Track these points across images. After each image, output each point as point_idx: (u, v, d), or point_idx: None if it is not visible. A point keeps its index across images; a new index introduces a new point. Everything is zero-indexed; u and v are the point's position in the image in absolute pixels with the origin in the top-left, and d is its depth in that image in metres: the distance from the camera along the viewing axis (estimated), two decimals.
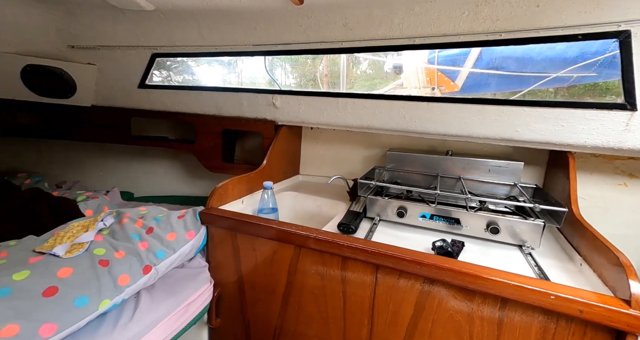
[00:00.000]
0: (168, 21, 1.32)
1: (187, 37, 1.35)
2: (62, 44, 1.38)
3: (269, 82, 2.82)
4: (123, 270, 0.86)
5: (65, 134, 1.65)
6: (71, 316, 0.72)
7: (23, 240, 0.92)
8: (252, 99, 1.47)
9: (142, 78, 1.48)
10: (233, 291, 1.10)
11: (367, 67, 3.00)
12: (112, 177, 1.88)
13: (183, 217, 1.09)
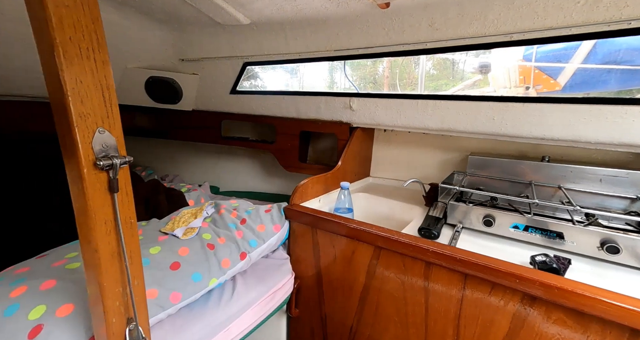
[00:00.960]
0: (259, 33, 1.45)
1: (275, 46, 1.47)
2: (175, 58, 1.63)
3: (329, 85, 2.88)
4: (225, 254, 0.98)
5: (169, 134, 1.95)
6: (191, 288, 0.86)
7: (150, 222, 1.11)
8: (330, 102, 1.52)
9: (233, 85, 1.66)
10: (311, 284, 1.16)
11: (430, 67, 2.85)
12: (203, 172, 2.15)
13: (270, 211, 1.19)
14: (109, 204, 0.62)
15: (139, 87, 1.66)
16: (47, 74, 0.56)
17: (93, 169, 0.59)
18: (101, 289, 0.62)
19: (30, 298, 0.71)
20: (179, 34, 1.54)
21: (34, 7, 0.53)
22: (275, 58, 1.51)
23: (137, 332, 0.66)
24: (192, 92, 1.76)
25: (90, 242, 0.61)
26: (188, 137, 1.90)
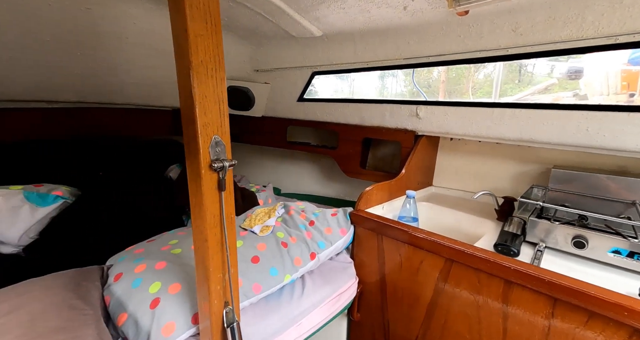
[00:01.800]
0: (329, 43, 1.53)
1: (343, 55, 1.53)
2: (250, 69, 1.79)
3: (380, 92, 2.84)
4: (297, 253, 1.05)
5: (240, 138, 2.13)
6: (269, 281, 0.94)
7: None
8: (395, 110, 1.53)
9: (301, 93, 1.77)
10: (374, 290, 1.17)
11: (492, 70, 2.64)
12: (266, 174, 2.30)
13: (336, 215, 1.24)
14: (217, 201, 0.72)
15: None
16: (181, 90, 0.68)
17: (208, 170, 0.70)
18: (207, 274, 0.72)
19: (149, 275, 0.85)
20: (256, 47, 1.69)
21: (178, 36, 0.65)
22: (342, 67, 1.57)
23: (232, 315, 0.75)
24: (263, 100, 1.91)
25: (202, 233, 0.72)
26: (256, 141, 2.06)
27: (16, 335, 0.58)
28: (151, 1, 1.27)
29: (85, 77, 1.45)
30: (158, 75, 1.62)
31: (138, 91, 1.67)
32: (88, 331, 0.65)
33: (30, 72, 1.29)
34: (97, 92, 1.56)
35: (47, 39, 1.21)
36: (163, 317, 0.76)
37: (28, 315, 0.63)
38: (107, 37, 1.33)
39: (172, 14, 0.65)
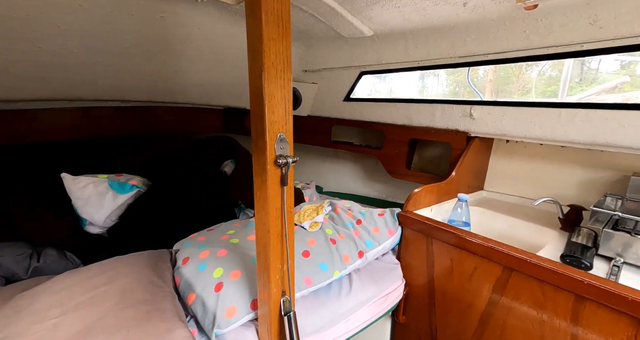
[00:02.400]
0: (380, 43, 1.52)
1: (394, 55, 1.51)
2: (299, 69, 1.85)
3: (420, 91, 2.72)
4: (345, 250, 1.07)
5: None
6: (320, 276, 0.96)
7: None
8: (446, 110, 1.48)
9: (348, 92, 1.78)
10: (421, 293, 1.15)
11: (548, 68, 2.40)
12: (309, 172, 2.36)
13: (383, 215, 1.24)
14: (279, 195, 0.77)
15: None
16: (252, 90, 0.73)
17: (273, 165, 0.74)
18: (268, 263, 0.77)
19: (212, 261, 0.92)
20: (306, 48, 1.74)
21: (253, 40, 0.70)
22: (392, 66, 1.55)
23: (288, 304, 0.79)
24: (309, 99, 1.95)
25: (265, 224, 0.76)
26: (301, 139, 2.12)
27: (114, 303, 0.68)
28: (214, 8, 1.37)
29: (155, 79, 1.60)
30: (215, 76, 1.74)
31: (198, 91, 1.81)
32: (168, 306, 0.73)
33: (111, 74, 1.46)
34: (164, 92, 1.72)
35: (127, 45, 1.36)
36: (226, 300, 0.82)
37: (120, 287, 0.73)
38: (175, 42, 1.45)
39: (248, 20, 0.70)
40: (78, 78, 1.38)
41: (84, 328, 0.62)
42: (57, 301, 0.67)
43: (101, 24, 1.22)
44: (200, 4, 1.31)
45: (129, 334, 0.62)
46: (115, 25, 1.25)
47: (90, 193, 1.15)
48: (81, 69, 1.34)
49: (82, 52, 1.27)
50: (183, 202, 1.30)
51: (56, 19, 1.14)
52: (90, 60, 1.33)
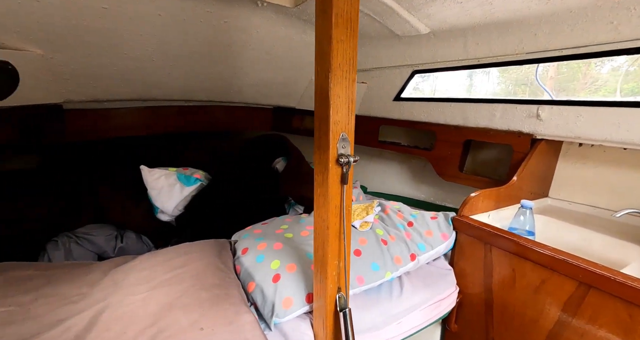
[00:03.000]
0: (436, 40, 1.47)
1: (451, 52, 1.45)
2: None
3: (467, 89, 2.53)
4: (397, 252, 1.05)
5: None
6: (371, 275, 0.96)
7: None
8: (508, 110, 1.38)
9: (398, 92, 1.75)
10: (477, 304, 1.09)
11: (624, 62, 2.10)
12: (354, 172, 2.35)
13: (436, 219, 1.20)
14: (339, 193, 0.78)
15: None
16: (318, 90, 0.76)
17: (335, 164, 0.76)
18: (326, 259, 0.79)
19: (269, 253, 0.97)
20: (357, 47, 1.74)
21: (322, 42, 0.72)
22: (448, 65, 1.49)
23: (343, 300, 0.81)
24: (358, 99, 1.95)
25: (324, 221, 0.79)
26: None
27: (190, 284, 0.75)
28: (272, 11, 1.43)
29: (215, 80, 1.72)
30: (268, 77, 1.82)
31: (252, 91, 1.91)
32: (234, 291, 0.79)
33: (180, 76, 1.60)
34: (222, 93, 1.84)
35: (195, 50, 1.48)
36: (284, 291, 0.86)
37: (194, 270, 0.80)
38: (235, 45, 1.55)
39: (318, 22, 0.72)
40: (153, 80, 1.53)
41: (167, 304, 0.69)
42: (144, 278, 0.76)
43: (174, 31, 1.35)
44: (260, 8, 1.37)
45: (203, 313, 0.69)
46: (186, 32, 1.37)
47: (162, 184, 1.28)
48: (156, 72, 1.49)
49: (157, 56, 1.42)
50: (239, 197, 1.38)
51: (139, 28, 1.28)
52: (164, 64, 1.47)
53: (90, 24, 1.17)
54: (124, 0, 1.15)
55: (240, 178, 1.44)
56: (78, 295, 0.70)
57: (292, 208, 1.50)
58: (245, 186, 1.41)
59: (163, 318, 0.67)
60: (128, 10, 1.19)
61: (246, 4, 1.34)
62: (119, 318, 0.65)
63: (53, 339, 0.59)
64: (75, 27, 1.15)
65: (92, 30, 1.20)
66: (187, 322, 0.67)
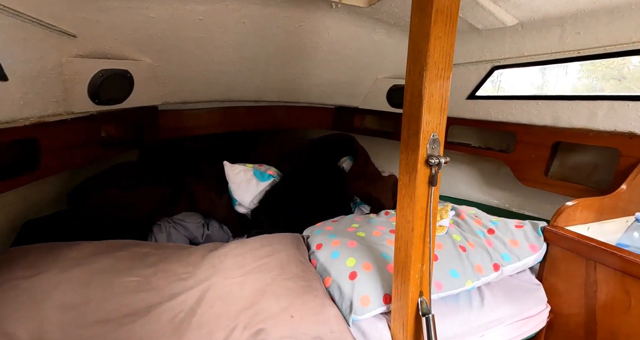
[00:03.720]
0: (524, 32, 1.33)
1: (543, 44, 1.30)
2: None
3: (539, 87, 2.20)
4: (477, 260, 0.99)
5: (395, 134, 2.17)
6: (450, 282, 0.92)
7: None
8: (616, 108, 1.19)
9: (473, 90, 1.63)
10: (574, 327, 0.97)
11: None
12: None
13: (522, 227, 1.09)
14: (426, 194, 0.76)
15: (382, 94, 1.95)
16: (409, 89, 0.75)
17: (424, 165, 0.74)
18: (409, 261, 0.77)
19: (344, 250, 0.99)
20: None
21: (417, 40, 0.71)
22: (539, 58, 1.34)
23: (425, 305, 0.78)
24: None
25: (409, 222, 0.77)
26: None
27: (277, 273, 0.81)
28: (345, 12, 1.44)
29: (285, 81, 1.81)
30: (334, 77, 1.85)
31: (318, 91, 1.96)
32: (317, 285, 0.82)
33: (256, 78, 1.71)
34: (290, 93, 1.92)
35: (270, 53, 1.57)
36: (361, 289, 0.87)
37: (279, 261, 0.86)
38: (306, 46, 1.60)
39: (414, 20, 0.71)
40: (233, 82, 1.67)
41: (259, 289, 0.75)
42: (237, 264, 0.84)
43: (254, 36, 1.45)
44: (334, 9, 1.40)
45: (292, 301, 0.73)
46: (264, 37, 1.46)
47: (241, 179, 1.39)
48: (236, 75, 1.62)
49: (238, 60, 1.54)
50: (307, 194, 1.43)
51: (226, 35, 1.40)
52: (243, 67, 1.59)
53: (188, 34, 1.32)
54: (216, 11, 1.27)
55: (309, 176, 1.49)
56: (186, 273, 0.80)
57: (357, 207, 1.50)
58: (313, 184, 1.46)
59: (257, 302, 0.72)
60: (218, 20, 1.31)
61: (321, 7, 1.38)
62: (221, 297, 0.73)
63: (173, 308, 0.69)
64: (177, 37, 1.31)
65: (188, 39, 1.35)
66: (278, 309, 0.72)
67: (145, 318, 0.67)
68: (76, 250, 0.82)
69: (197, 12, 1.24)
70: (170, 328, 0.65)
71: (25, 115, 0.94)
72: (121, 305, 0.69)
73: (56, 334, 0.61)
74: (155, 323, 0.66)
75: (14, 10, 0.78)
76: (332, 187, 1.45)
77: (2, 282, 0.68)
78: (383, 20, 1.52)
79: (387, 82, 1.91)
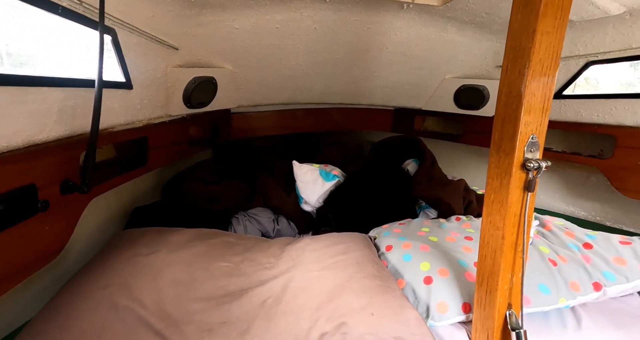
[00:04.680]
0: (632, 22, 1.16)
1: None
2: (492, 65, 1.68)
3: (628, 84, 1.83)
4: (572, 276, 0.89)
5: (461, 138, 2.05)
6: (540, 298, 0.84)
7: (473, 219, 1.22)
8: None
9: (561, 88, 1.47)
10: None
11: None
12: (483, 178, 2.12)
13: (629, 244, 0.96)
14: (520, 201, 0.71)
15: (448, 95, 1.86)
16: (507, 88, 0.70)
17: (519, 169, 0.69)
18: (497, 270, 0.73)
19: (416, 253, 0.97)
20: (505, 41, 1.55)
21: (519, 36, 0.67)
22: None
23: (514, 319, 0.73)
24: None
25: (499, 229, 0.73)
26: (482, 142, 1.93)
27: (354, 271, 0.83)
28: (416, 12, 1.41)
29: (349, 84, 1.83)
30: (400, 78, 1.82)
31: (381, 93, 1.95)
32: (394, 285, 0.82)
33: (321, 82, 1.77)
34: (353, 95, 1.95)
35: (337, 56, 1.61)
36: (437, 295, 0.84)
37: (354, 259, 0.88)
38: (373, 49, 1.61)
39: (516, 16, 0.67)
40: (300, 86, 1.75)
41: (338, 284, 0.78)
42: (314, 259, 0.88)
43: (324, 41, 1.50)
44: (405, 10, 1.38)
45: (371, 300, 0.74)
46: (333, 40, 1.50)
47: (308, 178, 1.46)
48: (304, 78, 1.69)
49: (307, 65, 1.61)
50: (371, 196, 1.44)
51: (297, 41, 1.48)
52: (312, 71, 1.66)
53: (265, 42, 1.42)
54: (292, 19, 1.35)
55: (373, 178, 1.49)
56: (269, 263, 0.87)
57: (422, 211, 1.46)
58: (377, 186, 1.46)
59: (337, 297, 0.75)
60: (292, 27, 1.39)
61: (392, 8, 1.37)
62: (303, 289, 0.78)
63: (262, 294, 0.76)
64: (256, 45, 1.42)
65: (265, 47, 1.45)
66: (358, 305, 0.74)
67: (240, 300, 0.74)
68: (177, 236, 0.94)
69: (275, 21, 1.33)
70: (261, 311, 0.71)
71: (140, 118, 1.11)
72: (218, 286, 0.78)
73: (171, 304, 0.71)
74: (248, 305, 0.73)
75: (142, 30, 0.93)
76: (396, 189, 1.43)
77: (128, 257, 0.82)
78: (456, 18, 1.45)
79: (455, 82, 1.82)
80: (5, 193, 0.58)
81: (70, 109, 0.76)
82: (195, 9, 1.14)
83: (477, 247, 0.97)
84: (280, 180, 1.51)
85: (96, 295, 0.69)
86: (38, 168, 0.66)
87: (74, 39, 0.81)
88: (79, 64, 0.83)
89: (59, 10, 0.64)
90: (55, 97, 0.69)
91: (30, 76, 0.62)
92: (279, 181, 1.49)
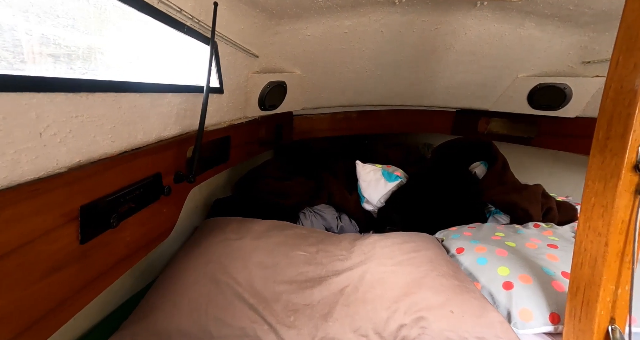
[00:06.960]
0: None
1: None
2: (576, 61, 1.53)
3: None
4: None
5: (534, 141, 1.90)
6: None
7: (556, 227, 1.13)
8: None
9: None
10: None
11: None
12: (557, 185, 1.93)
13: None
14: (630, 206, 0.65)
15: (520, 94, 1.74)
16: (614, 84, 0.65)
17: (630, 171, 0.64)
18: (596, 280, 0.67)
19: (492, 258, 0.93)
20: (595, 35, 1.41)
21: (633, 26, 0.63)
22: None
23: (619, 335, 0.67)
24: (584, 97, 1.58)
25: (601, 235, 0.68)
26: (557, 145, 1.76)
27: (427, 269, 0.84)
28: (489, 10, 1.36)
29: (410, 85, 1.82)
30: (466, 78, 1.76)
31: (444, 94, 1.90)
32: (472, 286, 0.81)
33: (382, 84, 1.79)
34: (414, 97, 1.93)
35: (400, 58, 1.61)
36: (520, 302, 0.80)
37: (427, 257, 0.88)
38: (438, 49, 1.58)
39: (633, 4, 0.63)
40: (363, 88, 1.79)
41: (412, 280, 0.79)
42: (387, 254, 0.90)
43: (390, 43, 1.52)
44: (477, 7, 1.34)
45: (449, 298, 0.74)
46: (399, 43, 1.51)
47: (371, 178, 1.48)
48: (366, 81, 1.73)
49: (371, 67, 1.64)
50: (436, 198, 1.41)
51: (362, 45, 1.52)
52: (373, 73, 1.68)
53: (333, 46, 1.48)
54: (360, 24, 1.39)
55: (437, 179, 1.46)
56: (342, 255, 0.91)
57: (492, 216, 1.39)
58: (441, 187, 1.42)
59: (414, 292, 0.76)
60: (360, 31, 1.43)
61: (462, 7, 1.34)
62: (378, 281, 0.80)
63: (340, 282, 0.80)
64: (324, 50, 1.49)
65: (332, 52, 1.52)
66: (436, 302, 0.74)
67: (320, 286, 0.79)
68: (257, 225, 1.04)
69: (344, 26, 1.39)
70: (341, 298, 0.76)
71: (225, 119, 1.24)
72: (298, 272, 0.84)
73: (259, 284, 0.79)
74: (327, 291, 0.78)
75: (235, 42, 1.05)
76: (462, 191, 1.38)
77: (220, 240, 0.93)
78: (536, 13, 1.36)
79: (530, 81, 1.69)
80: (144, 179, 0.72)
81: (183, 111, 0.89)
82: (275, 19, 1.24)
83: (563, 256, 0.91)
84: (342, 179, 1.55)
85: (200, 270, 0.80)
86: (162, 160, 0.80)
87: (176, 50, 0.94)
88: (177, 71, 0.96)
89: (185, 29, 0.77)
90: (176, 101, 0.82)
91: (165, 84, 0.76)
92: (341, 180, 1.53)
